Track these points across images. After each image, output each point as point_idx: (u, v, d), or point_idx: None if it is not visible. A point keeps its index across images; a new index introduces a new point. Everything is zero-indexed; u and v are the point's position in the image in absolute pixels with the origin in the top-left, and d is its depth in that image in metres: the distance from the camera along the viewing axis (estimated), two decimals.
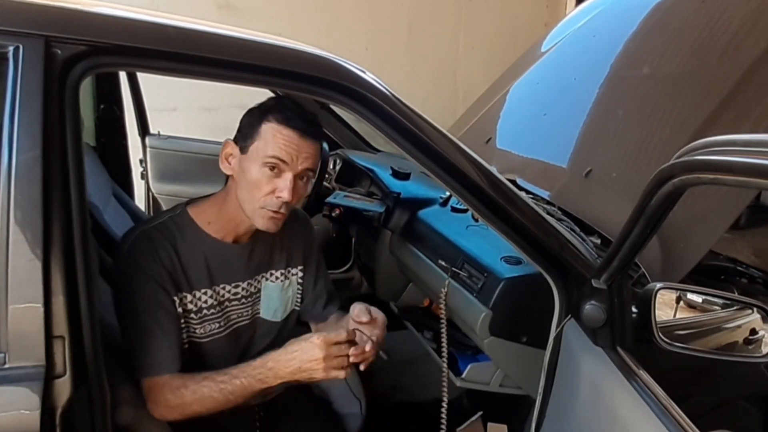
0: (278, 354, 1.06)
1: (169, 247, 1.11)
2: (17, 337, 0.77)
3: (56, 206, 0.78)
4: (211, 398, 1.05)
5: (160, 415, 1.05)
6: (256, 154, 1.08)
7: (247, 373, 1.06)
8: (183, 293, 1.13)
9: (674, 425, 0.82)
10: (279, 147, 1.07)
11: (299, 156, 1.08)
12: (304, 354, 1.03)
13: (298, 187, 1.11)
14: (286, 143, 1.07)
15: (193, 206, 1.18)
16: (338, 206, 1.76)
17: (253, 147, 1.09)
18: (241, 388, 1.05)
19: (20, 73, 0.77)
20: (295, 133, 1.07)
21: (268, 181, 1.08)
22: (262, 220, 1.11)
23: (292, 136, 1.07)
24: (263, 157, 1.07)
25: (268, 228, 1.13)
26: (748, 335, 1.43)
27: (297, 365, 1.03)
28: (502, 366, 1.40)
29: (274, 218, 1.11)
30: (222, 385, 1.05)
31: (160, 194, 2.58)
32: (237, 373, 1.06)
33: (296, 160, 1.08)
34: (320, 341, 1.02)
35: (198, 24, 0.93)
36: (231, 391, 1.05)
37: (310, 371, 1.03)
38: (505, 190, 1.06)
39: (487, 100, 2.19)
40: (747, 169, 0.65)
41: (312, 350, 1.02)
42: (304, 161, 1.09)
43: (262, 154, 1.07)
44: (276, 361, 1.05)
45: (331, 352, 1.02)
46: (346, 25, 3.70)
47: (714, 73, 1.39)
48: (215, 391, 1.05)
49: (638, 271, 1.19)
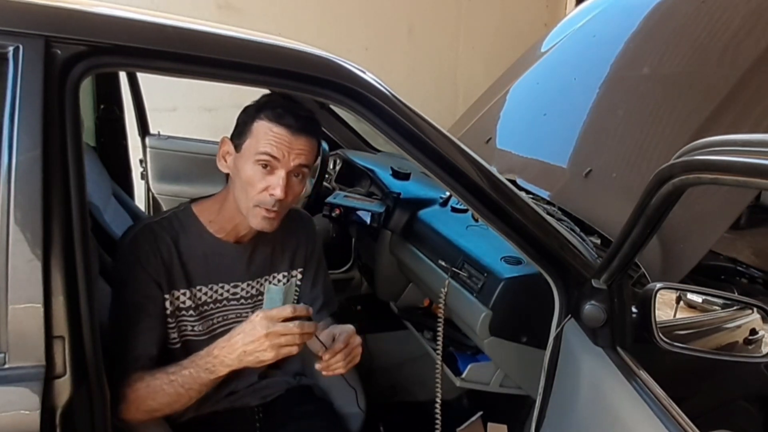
0: (223, 340, 1.00)
1: (170, 242, 1.12)
2: (17, 337, 0.77)
3: (56, 206, 0.78)
4: (162, 392, 1.01)
5: (122, 413, 1.01)
6: (248, 152, 1.08)
7: (195, 363, 1.01)
8: (180, 290, 1.13)
9: (674, 425, 0.82)
10: (270, 144, 1.06)
11: (291, 152, 1.07)
12: (246, 336, 0.96)
13: (293, 184, 1.10)
14: (277, 140, 1.07)
15: (198, 204, 1.19)
16: (338, 206, 1.76)
17: (246, 145, 1.09)
18: (190, 379, 1.01)
19: (20, 73, 0.77)
20: (286, 131, 1.07)
21: (261, 179, 1.08)
22: (257, 219, 1.11)
23: (283, 134, 1.07)
24: (255, 154, 1.07)
25: (263, 227, 1.12)
26: (748, 335, 1.43)
27: (241, 349, 0.96)
28: (502, 366, 1.40)
29: (268, 217, 1.10)
30: (172, 377, 1.02)
31: (160, 194, 2.58)
32: (186, 364, 1.02)
33: (288, 156, 1.07)
34: (260, 318, 0.96)
35: (198, 24, 0.93)
36: (181, 383, 1.01)
37: (256, 353, 0.96)
38: (505, 190, 1.06)
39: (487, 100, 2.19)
40: (747, 169, 0.65)
41: (253, 330, 0.95)
42: (297, 158, 1.08)
43: (254, 151, 1.07)
44: (221, 348, 0.99)
45: (275, 329, 0.94)
46: (346, 25, 3.70)
47: (714, 73, 1.39)
48: (166, 383, 1.01)
49: (638, 271, 1.19)
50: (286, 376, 1.37)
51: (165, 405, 1.03)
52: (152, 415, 1.04)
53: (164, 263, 1.11)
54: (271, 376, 1.35)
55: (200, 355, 1.02)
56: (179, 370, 1.02)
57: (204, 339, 1.17)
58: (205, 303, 1.17)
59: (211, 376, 1.01)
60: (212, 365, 1.00)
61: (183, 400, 1.03)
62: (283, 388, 1.33)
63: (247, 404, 1.28)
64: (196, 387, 1.02)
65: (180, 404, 1.04)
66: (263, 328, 0.95)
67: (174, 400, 1.02)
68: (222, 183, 1.20)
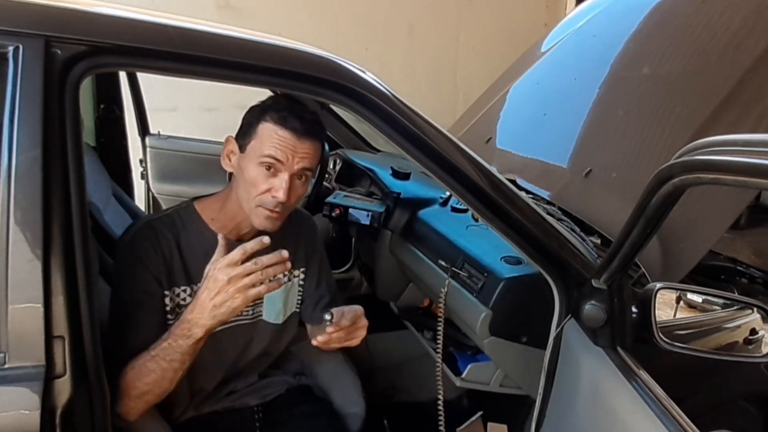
0: (192, 303, 1.00)
1: (172, 239, 1.12)
2: (17, 337, 0.77)
3: (56, 206, 0.78)
4: (146, 369, 1.00)
5: (119, 407, 1.00)
6: (253, 153, 1.09)
7: (172, 333, 1.01)
8: (180, 287, 1.13)
9: (674, 425, 0.82)
10: (274, 147, 1.07)
11: (295, 156, 1.08)
12: (210, 291, 0.96)
13: (296, 186, 1.11)
14: (281, 143, 1.07)
15: (200, 202, 1.19)
16: (338, 206, 1.75)
17: (250, 146, 1.09)
18: (169, 350, 1.00)
19: (20, 73, 0.77)
20: (291, 134, 1.07)
21: (264, 180, 1.09)
22: (259, 218, 1.12)
23: (287, 137, 1.07)
24: (259, 156, 1.08)
25: (266, 227, 1.12)
26: (748, 335, 1.43)
27: (210, 304, 0.96)
28: (502, 366, 1.40)
29: (270, 217, 1.11)
30: (153, 352, 1.01)
31: (160, 194, 2.58)
32: (164, 337, 1.02)
33: (292, 160, 1.08)
34: (215, 270, 0.95)
35: (198, 24, 0.93)
36: (162, 357, 1.00)
37: (226, 303, 0.95)
38: (505, 190, 1.06)
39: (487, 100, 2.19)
40: (747, 169, 0.65)
41: (215, 281, 0.95)
42: (301, 161, 1.09)
43: (258, 153, 1.08)
44: (191, 311, 0.99)
45: (235, 272, 0.94)
46: (346, 25, 3.70)
47: (714, 73, 1.39)
48: (148, 360, 1.00)
49: (638, 271, 1.19)
50: (286, 376, 1.37)
51: (152, 383, 1.01)
52: (145, 400, 1.02)
53: (165, 260, 1.11)
54: (271, 375, 1.35)
55: (176, 324, 1.02)
56: (158, 344, 1.01)
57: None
58: None
59: (189, 341, 0.99)
60: (187, 329, 0.99)
61: (168, 375, 1.01)
62: (283, 388, 1.34)
63: (246, 404, 1.28)
64: (178, 357, 1.00)
65: (167, 381, 1.01)
66: (224, 275, 0.94)
67: (159, 376, 1.00)
68: (222, 183, 1.20)
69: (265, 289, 0.96)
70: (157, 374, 1.00)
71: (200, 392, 1.22)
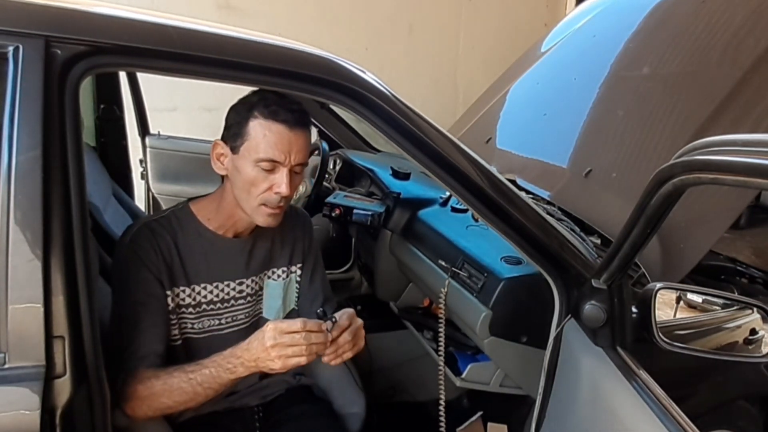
0: (244, 344, 1.02)
1: (170, 240, 1.12)
2: (17, 337, 0.77)
3: (56, 206, 0.78)
4: (180, 389, 1.02)
5: (130, 409, 1.02)
6: (248, 154, 1.07)
7: (217, 363, 1.02)
8: (180, 287, 1.13)
9: (674, 425, 0.82)
10: (270, 146, 1.06)
11: (291, 151, 1.07)
12: (259, 344, 0.99)
13: (294, 178, 1.11)
14: (276, 140, 1.06)
15: (195, 202, 1.19)
16: (338, 206, 1.75)
17: (244, 147, 1.08)
18: (210, 378, 1.02)
19: (20, 73, 0.77)
20: (284, 127, 1.06)
21: (264, 179, 1.08)
22: (262, 217, 1.12)
23: (281, 131, 1.06)
24: (256, 157, 1.06)
25: (269, 224, 1.13)
26: (748, 335, 1.43)
27: (256, 355, 0.99)
28: (502, 366, 1.40)
29: (273, 214, 1.12)
30: (191, 375, 1.02)
31: (160, 194, 2.58)
32: (207, 363, 1.03)
33: (289, 155, 1.07)
34: (270, 329, 0.98)
35: (198, 24, 0.93)
36: (200, 382, 1.02)
37: (266, 360, 0.98)
38: (505, 190, 1.06)
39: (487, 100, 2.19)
40: (747, 169, 0.65)
41: (263, 339, 0.98)
42: (296, 155, 1.08)
43: (254, 154, 1.06)
44: (243, 350, 1.01)
45: (282, 341, 0.96)
46: (346, 25, 3.70)
47: (714, 73, 1.39)
48: (184, 381, 1.02)
49: (638, 271, 1.19)
50: (286, 376, 1.37)
51: (180, 403, 1.03)
52: (163, 412, 1.04)
53: (165, 261, 1.11)
54: (271, 376, 1.35)
55: (223, 355, 1.03)
56: (199, 368, 1.03)
57: (202, 337, 1.18)
58: (207, 302, 1.17)
59: (231, 376, 1.02)
60: (234, 366, 1.02)
61: (199, 399, 1.04)
62: (283, 388, 1.33)
63: (246, 404, 1.28)
64: (215, 386, 1.03)
65: (194, 402, 1.04)
66: (270, 339, 0.97)
67: (190, 398, 1.03)
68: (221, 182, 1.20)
69: (305, 361, 0.98)
70: (188, 396, 1.02)
71: None
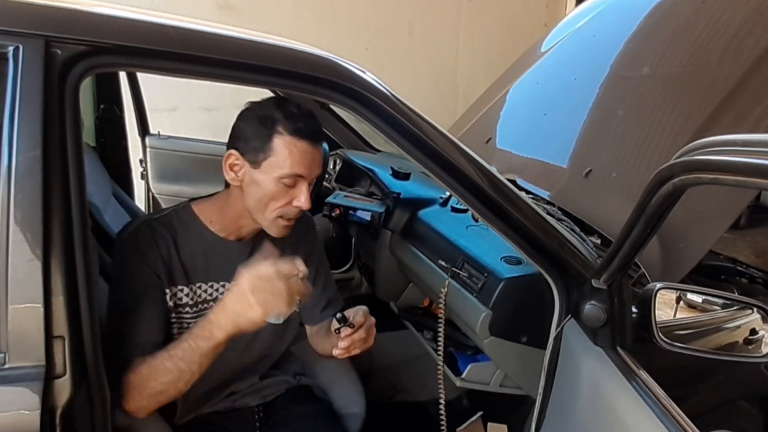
0: (216, 306, 0.99)
1: (169, 239, 1.12)
2: (17, 337, 0.76)
3: (56, 206, 0.78)
4: (164, 369, 0.99)
5: (126, 403, 0.99)
6: (270, 169, 1.07)
7: (193, 334, 1.00)
8: (179, 286, 1.13)
9: (674, 425, 0.82)
10: (296, 163, 1.07)
11: (313, 166, 1.09)
12: (233, 296, 0.95)
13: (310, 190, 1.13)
14: (302, 157, 1.07)
15: (197, 203, 1.19)
16: (338, 206, 1.75)
17: (267, 162, 1.07)
18: (189, 350, 0.99)
19: (20, 73, 0.77)
20: (308, 144, 1.07)
21: (285, 193, 1.09)
22: (278, 228, 1.13)
23: (306, 148, 1.07)
24: (281, 174, 1.07)
25: (283, 234, 1.15)
26: (748, 335, 1.43)
27: (231, 309, 0.95)
28: (502, 366, 1.40)
29: (288, 226, 1.14)
30: (171, 352, 0.99)
31: (160, 194, 2.58)
32: (184, 337, 1.01)
33: (312, 170, 1.09)
34: (245, 278, 0.94)
35: (198, 24, 0.93)
36: (181, 357, 0.99)
37: (245, 310, 0.94)
38: (505, 190, 1.06)
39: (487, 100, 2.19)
40: (747, 169, 0.65)
41: (239, 288, 0.94)
42: (317, 168, 1.11)
43: (279, 171, 1.07)
44: (215, 314, 0.98)
45: (259, 283, 0.93)
46: (346, 25, 3.70)
47: (714, 73, 1.39)
48: (166, 359, 0.99)
49: (638, 271, 1.19)
50: (286, 376, 1.37)
51: (168, 384, 1.00)
52: (157, 400, 1.02)
53: (163, 259, 1.10)
54: (272, 376, 1.35)
55: (198, 325, 1.01)
56: (178, 344, 1.00)
57: None
58: (205, 301, 1.17)
59: (209, 344, 0.98)
60: (208, 331, 0.98)
61: (185, 376, 1.00)
62: (283, 388, 1.34)
63: (247, 404, 1.28)
64: (197, 358, 0.99)
65: (183, 382, 1.01)
66: (247, 282, 0.94)
67: (176, 377, 1.00)
68: (222, 183, 1.20)
69: (285, 308, 0.94)
70: (174, 374, 0.99)
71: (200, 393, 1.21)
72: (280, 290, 0.93)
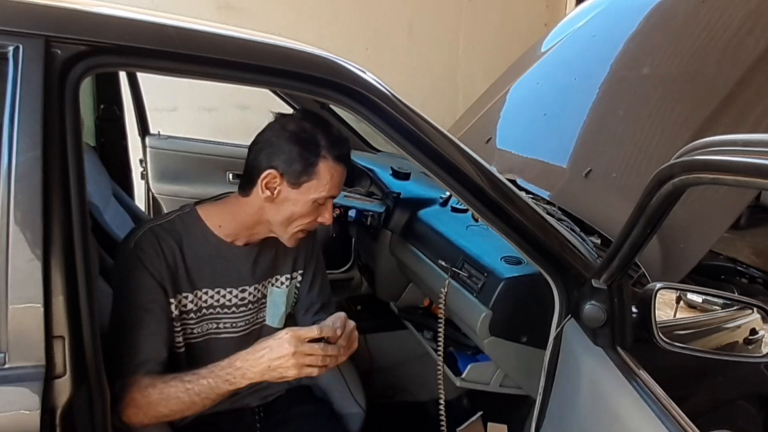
0: (246, 353, 1.01)
1: (174, 245, 1.11)
2: (17, 337, 0.77)
3: (56, 206, 0.78)
4: (177, 399, 1.00)
5: (126, 417, 1.00)
6: (308, 191, 1.09)
7: (215, 374, 1.01)
8: (184, 293, 1.13)
9: (674, 425, 0.82)
10: (334, 186, 1.11)
11: (341, 184, 1.14)
12: (272, 352, 0.98)
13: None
14: (339, 181, 1.12)
15: (203, 207, 1.17)
16: (338, 206, 1.75)
17: (308, 185, 1.09)
18: (207, 389, 1.00)
19: (20, 73, 0.77)
20: (345, 168, 1.12)
21: (314, 211, 1.13)
22: (296, 240, 1.16)
23: (343, 173, 1.12)
24: (318, 196, 1.10)
25: (296, 245, 1.19)
26: (748, 335, 1.43)
27: (266, 364, 0.98)
28: (502, 366, 1.40)
29: (303, 237, 1.17)
30: (188, 386, 1.00)
31: (160, 194, 2.57)
32: (205, 374, 1.01)
33: (340, 190, 1.14)
34: (290, 336, 0.97)
35: (198, 24, 0.93)
36: (197, 392, 1.00)
37: (281, 369, 0.97)
38: (505, 190, 1.06)
39: (487, 100, 2.19)
40: (747, 169, 0.65)
41: (281, 346, 0.97)
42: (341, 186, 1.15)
43: (317, 193, 1.10)
44: (244, 361, 1.00)
45: (302, 348, 0.96)
46: (346, 25, 3.70)
47: (714, 73, 1.39)
48: (181, 390, 1.00)
49: (638, 271, 1.19)
50: None
51: (176, 412, 1.02)
52: (159, 420, 1.03)
53: (168, 267, 1.09)
54: None
55: (221, 365, 1.02)
56: (196, 379, 1.01)
57: (201, 341, 1.17)
58: (210, 306, 1.16)
59: (230, 387, 1.01)
60: (233, 377, 1.00)
61: (195, 408, 1.02)
62: (283, 389, 1.33)
63: (247, 405, 1.28)
64: (213, 396, 1.01)
65: (191, 411, 1.03)
66: (291, 346, 0.96)
67: (186, 407, 1.02)
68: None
69: (317, 373, 0.99)
70: (184, 405, 1.01)
71: None
72: (317, 358, 0.98)
